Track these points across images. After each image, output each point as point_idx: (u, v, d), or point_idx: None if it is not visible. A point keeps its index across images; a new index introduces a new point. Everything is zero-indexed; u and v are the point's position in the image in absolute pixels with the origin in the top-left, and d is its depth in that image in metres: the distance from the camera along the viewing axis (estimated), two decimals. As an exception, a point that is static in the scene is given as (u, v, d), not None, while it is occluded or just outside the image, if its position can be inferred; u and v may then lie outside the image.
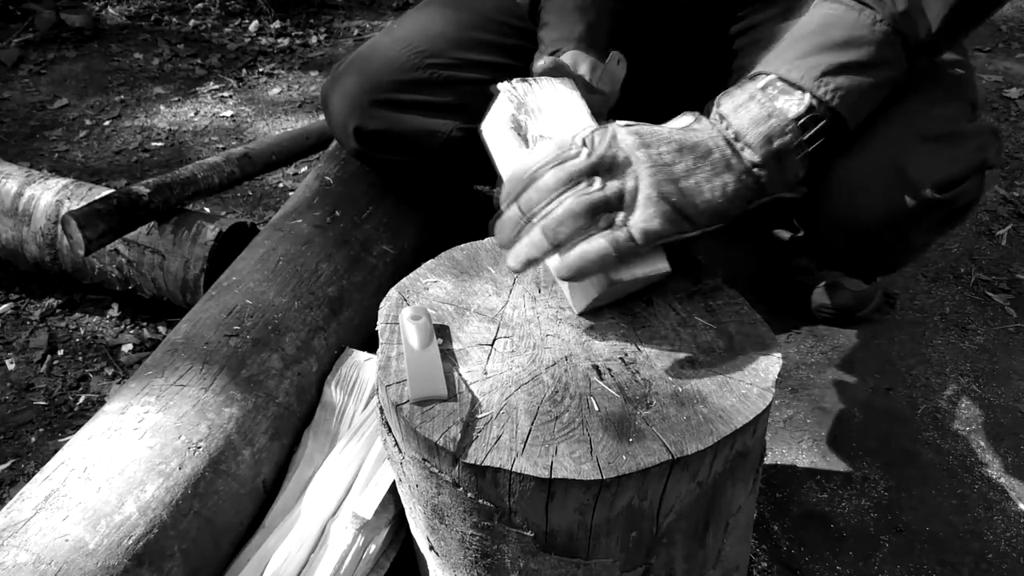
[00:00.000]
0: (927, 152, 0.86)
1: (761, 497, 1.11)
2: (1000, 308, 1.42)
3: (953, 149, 0.88)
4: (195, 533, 0.86)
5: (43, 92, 2.25)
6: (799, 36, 0.79)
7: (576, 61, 0.96)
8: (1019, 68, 2.18)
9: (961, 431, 1.20)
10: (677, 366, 0.73)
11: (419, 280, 0.84)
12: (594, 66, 0.96)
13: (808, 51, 0.77)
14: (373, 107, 1.13)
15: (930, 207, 0.87)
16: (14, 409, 1.30)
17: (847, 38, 0.76)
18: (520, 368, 0.73)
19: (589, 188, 0.72)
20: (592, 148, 0.73)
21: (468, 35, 1.15)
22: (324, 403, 1.05)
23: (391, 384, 0.72)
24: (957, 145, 0.88)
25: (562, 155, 0.73)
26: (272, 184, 1.84)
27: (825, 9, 0.80)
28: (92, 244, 1.25)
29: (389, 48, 1.16)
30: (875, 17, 0.77)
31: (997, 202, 1.68)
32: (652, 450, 0.65)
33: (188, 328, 1.05)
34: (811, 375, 1.31)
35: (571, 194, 0.72)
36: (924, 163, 0.86)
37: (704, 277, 0.83)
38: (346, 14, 2.68)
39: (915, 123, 0.86)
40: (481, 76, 1.14)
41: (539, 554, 0.70)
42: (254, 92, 2.25)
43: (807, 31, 0.79)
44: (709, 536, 0.75)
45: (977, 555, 1.04)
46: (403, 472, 0.75)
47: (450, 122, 1.14)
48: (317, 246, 1.18)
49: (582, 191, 0.71)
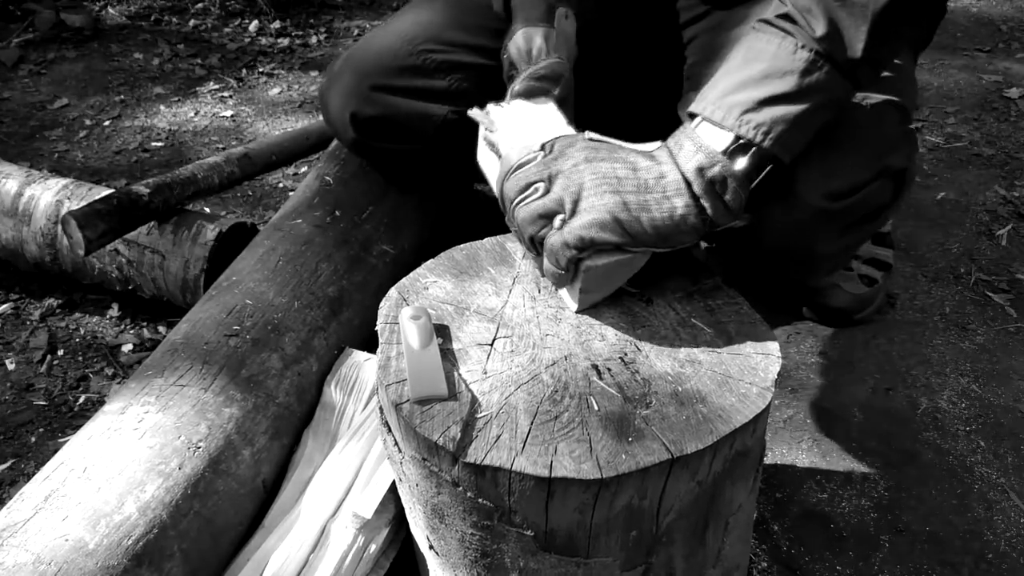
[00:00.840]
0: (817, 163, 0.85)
1: (761, 497, 1.11)
2: (1000, 308, 1.42)
3: (844, 157, 0.87)
4: (195, 533, 0.86)
5: (43, 92, 2.25)
6: (724, 72, 0.80)
7: (530, 36, 0.98)
8: (1019, 68, 2.18)
9: (961, 431, 1.20)
10: (677, 366, 0.73)
11: (419, 280, 0.84)
12: (547, 35, 0.98)
13: (730, 89, 0.77)
14: (369, 93, 1.16)
15: (827, 217, 0.88)
16: (14, 409, 1.30)
17: (768, 71, 0.76)
18: (520, 368, 0.73)
19: (534, 195, 0.78)
20: (548, 152, 0.79)
21: (460, 20, 1.17)
22: (324, 403, 1.05)
23: (391, 384, 0.72)
24: (849, 152, 0.87)
25: (520, 160, 0.79)
26: (272, 184, 1.84)
27: (750, 41, 0.80)
28: (92, 244, 1.25)
29: (383, 39, 1.18)
30: (796, 44, 0.76)
31: (997, 202, 1.68)
32: (652, 449, 0.65)
33: (188, 328, 1.05)
34: (811, 375, 1.31)
35: (522, 201, 0.78)
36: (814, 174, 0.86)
37: (704, 277, 0.83)
38: (346, 14, 2.69)
39: None
40: (474, 60, 1.16)
41: (539, 553, 0.70)
42: (254, 92, 2.25)
43: (732, 66, 0.80)
44: (709, 535, 0.75)
45: (977, 555, 1.04)
46: (403, 472, 0.75)
47: (444, 106, 1.15)
48: (317, 246, 1.18)
49: (528, 198, 0.78)
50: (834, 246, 0.95)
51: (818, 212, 0.87)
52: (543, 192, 0.77)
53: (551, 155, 0.78)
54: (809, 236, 0.91)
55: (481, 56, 1.15)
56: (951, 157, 1.83)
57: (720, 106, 0.77)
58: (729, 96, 0.77)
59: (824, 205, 0.87)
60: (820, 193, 0.86)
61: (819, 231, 0.90)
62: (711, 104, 0.77)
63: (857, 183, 0.88)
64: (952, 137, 1.90)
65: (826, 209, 0.87)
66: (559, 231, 0.76)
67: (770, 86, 0.76)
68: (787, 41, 0.77)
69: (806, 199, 0.86)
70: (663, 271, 0.83)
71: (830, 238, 0.93)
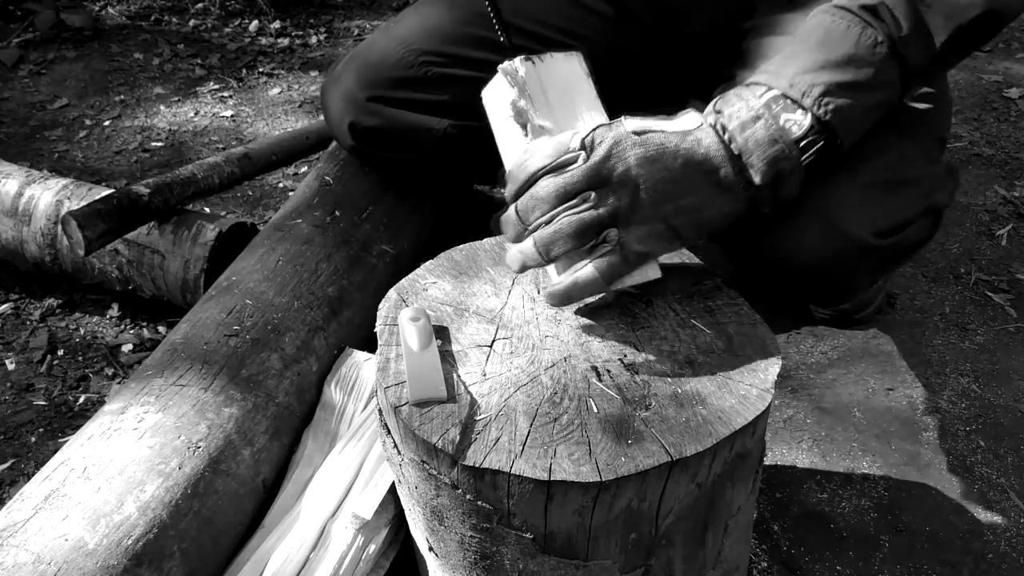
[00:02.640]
0: (868, 201, 0.84)
1: (761, 497, 1.11)
2: (1000, 308, 1.42)
3: (896, 197, 0.86)
4: (195, 533, 0.86)
5: (43, 92, 2.25)
6: (801, 48, 0.76)
7: None
8: (1019, 68, 2.18)
9: (961, 431, 1.20)
10: (676, 367, 0.73)
11: (418, 281, 0.84)
12: None
13: (809, 66, 0.74)
14: (368, 104, 1.14)
15: (870, 252, 0.86)
16: (14, 409, 1.30)
17: (849, 56, 0.74)
18: (519, 369, 0.73)
19: (582, 206, 0.70)
20: (591, 153, 0.70)
21: (463, 31, 1.14)
22: (324, 403, 1.05)
23: (390, 386, 0.72)
24: (900, 193, 0.86)
25: (559, 160, 0.71)
26: (272, 184, 1.84)
27: (826, 22, 0.77)
28: (92, 244, 1.25)
29: (385, 45, 1.16)
30: (876, 38, 0.74)
31: (997, 202, 1.68)
32: (651, 452, 0.65)
33: (188, 328, 1.05)
34: (811, 375, 1.30)
35: (564, 212, 0.70)
36: (862, 213, 0.84)
37: (704, 277, 0.83)
38: (346, 14, 2.68)
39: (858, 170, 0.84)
40: (475, 74, 1.14)
41: (538, 556, 0.70)
42: (254, 92, 2.25)
43: (809, 44, 0.76)
44: (709, 537, 0.75)
45: (977, 555, 1.04)
46: (402, 474, 0.75)
47: (444, 120, 1.14)
48: (317, 246, 1.18)
49: (574, 209, 0.70)
50: (868, 278, 0.94)
51: (864, 248, 0.85)
52: (594, 203, 0.69)
53: (598, 158, 0.70)
54: (850, 268, 0.88)
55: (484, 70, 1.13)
56: (951, 157, 1.83)
57: (799, 82, 0.72)
58: (811, 73, 0.73)
59: (872, 242, 0.84)
60: (869, 231, 0.84)
61: (860, 264, 0.88)
62: (788, 78, 0.73)
63: (905, 221, 0.87)
64: (952, 137, 1.90)
65: (872, 245, 0.85)
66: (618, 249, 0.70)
67: (849, 72, 0.73)
68: (867, 32, 0.74)
69: (854, 234, 0.84)
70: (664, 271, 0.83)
71: (867, 271, 0.91)
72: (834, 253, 0.85)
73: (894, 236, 0.86)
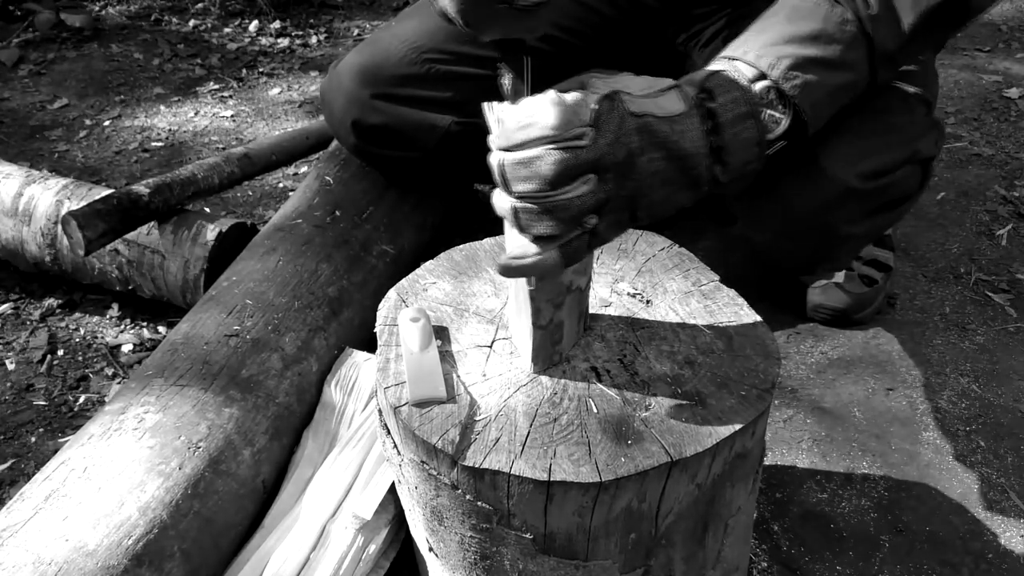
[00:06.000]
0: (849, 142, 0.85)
1: (761, 497, 1.11)
2: (1000, 308, 1.42)
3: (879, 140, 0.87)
4: (195, 533, 0.86)
5: (43, 92, 2.25)
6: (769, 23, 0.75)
7: None
8: (1019, 68, 2.18)
9: (961, 431, 1.20)
10: (676, 367, 0.73)
11: (418, 281, 0.84)
12: None
13: (777, 39, 0.73)
14: (372, 101, 1.14)
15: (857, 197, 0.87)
16: (14, 409, 1.30)
17: (817, 31, 0.73)
18: (519, 370, 0.73)
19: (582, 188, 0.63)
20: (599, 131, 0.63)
21: None
22: (324, 403, 1.05)
23: (390, 386, 0.72)
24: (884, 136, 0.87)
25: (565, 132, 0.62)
26: (272, 184, 1.84)
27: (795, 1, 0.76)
28: (92, 244, 1.25)
29: (387, 44, 1.16)
30: (845, 16, 0.74)
31: (997, 202, 1.68)
32: (651, 452, 0.65)
33: (188, 328, 1.05)
34: (811, 375, 1.30)
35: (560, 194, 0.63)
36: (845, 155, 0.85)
37: (704, 278, 0.83)
38: (346, 14, 2.68)
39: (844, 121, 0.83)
40: (478, 71, 1.14)
41: (538, 556, 0.70)
42: (254, 92, 2.25)
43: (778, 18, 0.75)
44: (708, 537, 0.75)
45: (977, 555, 1.04)
46: (402, 474, 0.75)
47: (448, 117, 1.14)
48: (317, 246, 1.18)
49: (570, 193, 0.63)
50: (858, 228, 0.95)
51: (848, 191, 0.86)
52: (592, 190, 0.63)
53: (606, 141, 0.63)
54: (836, 214, 0.90)
55: (486, 67, 1.13)
56: (951, 157, 1.83)
57: (767, 55, 0.71)
58: (778, 47, 0.72)
59: (856, 184, 0.86)
60: (853, 172, 0.86)
61: (847, 210, 0.90)
62: (755, 51, 0.72)
63: (888, 165, 0.88)
64: (952, 137, 1.90)
65: (857, 188, 0.86)
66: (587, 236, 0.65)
67: (817, 48, 0.73)
68: (836, 10, 0.74)
69: (838, 176, 0.86)
70: (663, 271, 0.83)
71: (856, 219, 0.92)
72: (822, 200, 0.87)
73: (878, 180, 0.87)
